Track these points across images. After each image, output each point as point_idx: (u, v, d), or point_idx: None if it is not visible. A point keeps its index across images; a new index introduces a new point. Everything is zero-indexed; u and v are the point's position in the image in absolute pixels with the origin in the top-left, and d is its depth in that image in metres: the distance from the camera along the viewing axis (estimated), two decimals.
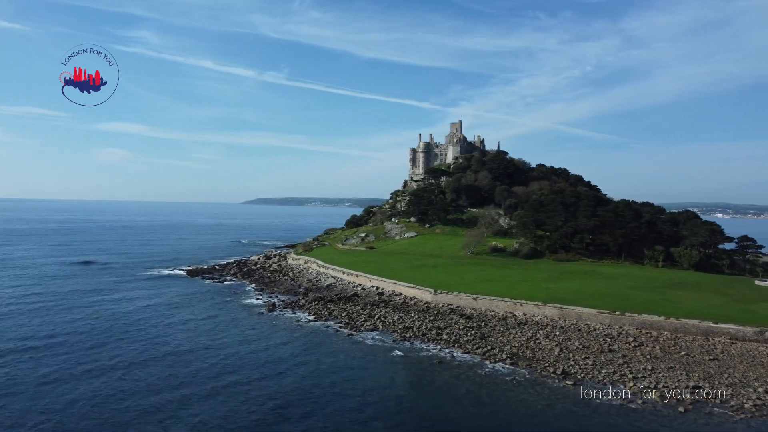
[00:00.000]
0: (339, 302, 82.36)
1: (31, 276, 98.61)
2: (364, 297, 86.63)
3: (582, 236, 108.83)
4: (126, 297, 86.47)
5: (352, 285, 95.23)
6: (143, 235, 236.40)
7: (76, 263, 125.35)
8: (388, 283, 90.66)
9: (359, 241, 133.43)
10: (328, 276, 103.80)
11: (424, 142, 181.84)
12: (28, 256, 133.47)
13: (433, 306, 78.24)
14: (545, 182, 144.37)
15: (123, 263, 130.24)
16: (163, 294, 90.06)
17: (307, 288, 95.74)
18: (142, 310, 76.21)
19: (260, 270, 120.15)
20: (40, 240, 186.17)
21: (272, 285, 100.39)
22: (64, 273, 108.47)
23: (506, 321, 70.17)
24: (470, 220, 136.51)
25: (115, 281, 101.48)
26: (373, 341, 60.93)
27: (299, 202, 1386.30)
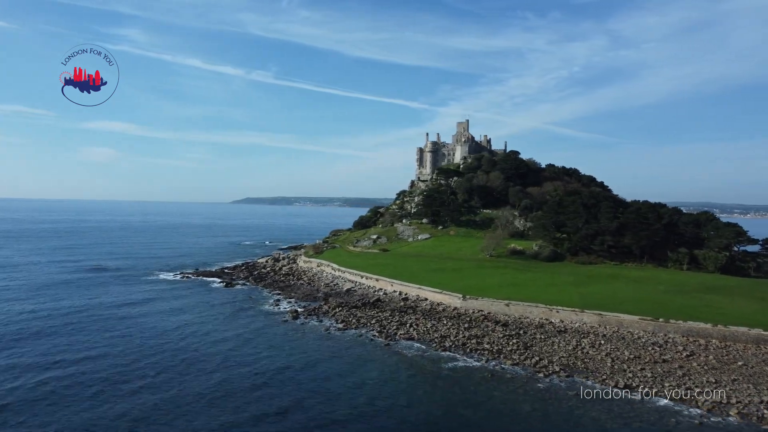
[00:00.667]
0: (364, 308, 79.21)
1: (42, 286, 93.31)
2: (387, 302, 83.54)
3: (603, 238, 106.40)
4: (143, 307, 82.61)
5: (373, 290, 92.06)
6: (141, 236, 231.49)
7: (82, 269, 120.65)
8: (411, 288, 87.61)
9: (371, 243, 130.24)
10: (345, 280, 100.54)
11: (432, 142, 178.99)
12: (32, 262, 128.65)
13: (463, 312, 75.27)
14: (558, 183, 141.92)
15: (128, 267, 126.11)
16: (178, 301, 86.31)
17: (326, 293, 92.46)
18: (162, 322, 72.37)
19: (271, 273, 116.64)
20: (38, 243, 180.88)
21: (288, 290, 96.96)
22: (74, 281, 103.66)
23: (544, 328, 67.37)
24: (484, 221, 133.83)
25: (127, 289, 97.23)
26: (412, 352, 57.78)
27: (288, 202, 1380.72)
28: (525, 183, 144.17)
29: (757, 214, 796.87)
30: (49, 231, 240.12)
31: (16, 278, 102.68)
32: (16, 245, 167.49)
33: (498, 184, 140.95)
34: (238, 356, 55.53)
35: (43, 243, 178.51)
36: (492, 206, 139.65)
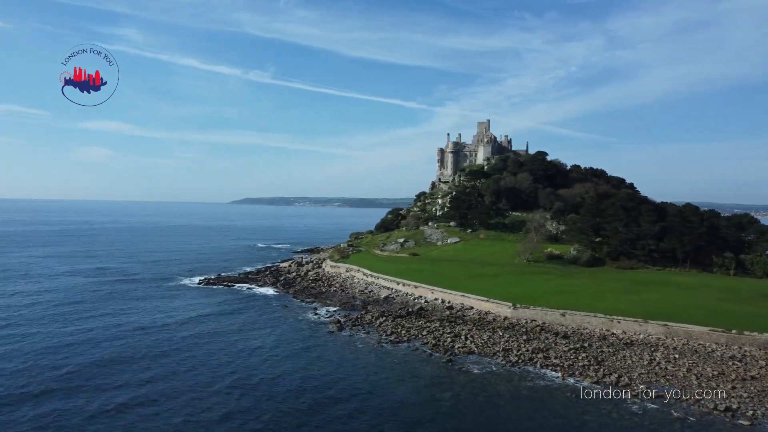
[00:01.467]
0: (409, 318, 75.55)
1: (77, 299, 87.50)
2: (431, 311, 79.88)
3: (645, 242, 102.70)
4: (188, 323, 78.94)
5: (413, 297, 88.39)
6: (152, 239, 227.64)
7: (107, 276, 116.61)
8: (454, 296, 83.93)
9: (398, 247, 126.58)
10: (380, 286, 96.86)
11: (453, 142, 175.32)
12: (57, 272, 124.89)
13: (516, 323, 71.58)
14: (588, 184, 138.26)
15: (149, 273, 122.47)
16: (212, 310, 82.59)
17: (363, 301, 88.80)
18: (216, 338, 68.45)
19: (299, 279, 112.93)
20: (54, 248, 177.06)
21: (322, 297, 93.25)
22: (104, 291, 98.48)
23: (608, 340, 63.71)
24: (513, 224, 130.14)
25: (161, 301, 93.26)
26: (478, 369, 54.07)
27: (287, 202, 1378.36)
28: (553, 184, 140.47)
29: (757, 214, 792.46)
30: (59, 234, 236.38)
31: (48, 289, 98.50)
32: (31, 250, 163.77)
33: (526, 186, 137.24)
34: (311, 377, 51.16)
35: (59, 248, 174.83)
36: (521, 208, 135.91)
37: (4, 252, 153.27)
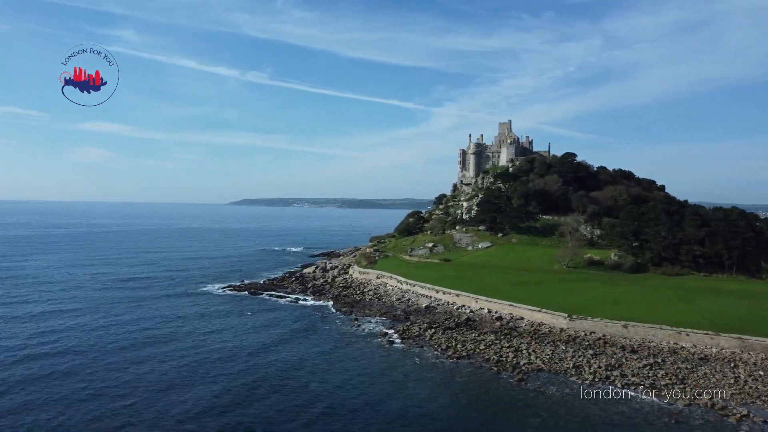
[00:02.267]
0: (459, 330, 71.93)
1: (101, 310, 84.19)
2: (480, 322, 76.35)
3: (690, 248, 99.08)
4: (210, 327, 75.51)
5: (456, 306, 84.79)
6: (164, 243, 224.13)
7: (131, 283, 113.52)
8: (501, 305, 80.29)
9: (428, 252, 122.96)
10: (417, 295, 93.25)
11: (475, 143, 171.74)
12: (82, 281, 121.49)
13: (574, 335, 67.98)
14: (620, 187, 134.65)
15: (172, 279, 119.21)
16: (249, 322, 79.02)
17: (404, 310, 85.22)
18: (242, 347, 65.17)
19: (327, 286, 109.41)
20: (69, 253, 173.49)
21: (360, 306, 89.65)
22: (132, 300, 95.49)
23: (679, 355, 60.12)
24: (545, 228, 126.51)
25: (192, 309, 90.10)
26: (555, 389, 50.39)
27: (286, 203, 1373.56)
28: (582, 187, 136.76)
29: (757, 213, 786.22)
30: (70, 238, 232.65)
31: (77, 298, 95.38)
32: (45, 255, 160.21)
33: (556, 189, 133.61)
34: (379, 405, 47.17)
35: (74, 253, 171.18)
36: (551, 212, 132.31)
37: (21, 258, 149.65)
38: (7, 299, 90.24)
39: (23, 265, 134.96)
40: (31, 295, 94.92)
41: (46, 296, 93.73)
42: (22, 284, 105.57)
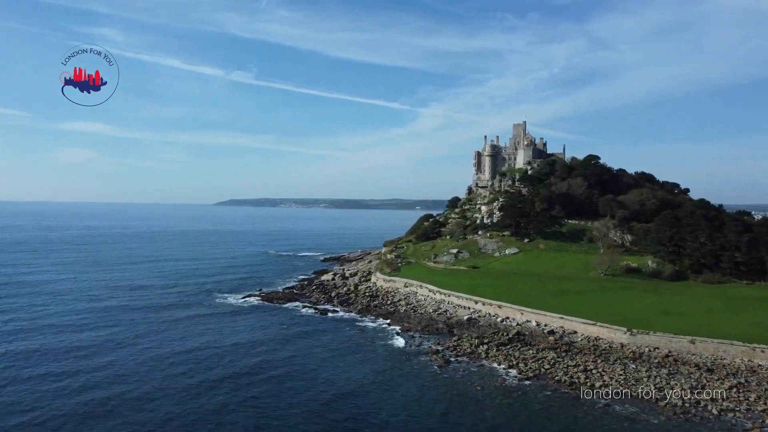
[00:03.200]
0: (513, 345, 67.84)
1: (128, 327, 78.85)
2: (531, 336, 72.35)
3: (732, 254, 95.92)
4: (251, 346, 70.72)
5: (499, 319, 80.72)
6: (166, 247, 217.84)
7: (145, 292, 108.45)
8: (550, 318, 76.35)
9: (452, 259, 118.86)
10: (454, 305, 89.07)
11: (491, 145, 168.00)
12: (83, 289, 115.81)
13: (638, 351, 64.09)
14: (646, 190, 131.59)
15: (186, 287, 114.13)
16: (283, 338, 74.34)
17: (446, 323, 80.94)
18: (308, 375, 60.57)
19: (352, 295, 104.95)
20: (67, 257, 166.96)
21: (396, 318, 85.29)
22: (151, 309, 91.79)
23: (758, 374, 56.44)
24: (572, 233, 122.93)
25: (212, 322, 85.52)
26: (652, 418, 46.34)
27: (273, 204, 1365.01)
28: (606, 190, 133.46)
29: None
30: (67, 242, 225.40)
31: (94, 312, 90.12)
32: (46, 260, 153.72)
33: (581, 192, 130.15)
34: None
35: (76, 259, 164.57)
36: (576, 216, 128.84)
37: (22, 264, 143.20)
38: (28, 314, 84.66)
39: (25, 272, 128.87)
40: (44, 309, 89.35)
41: (60, 310, 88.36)
42: (31, 294, 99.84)
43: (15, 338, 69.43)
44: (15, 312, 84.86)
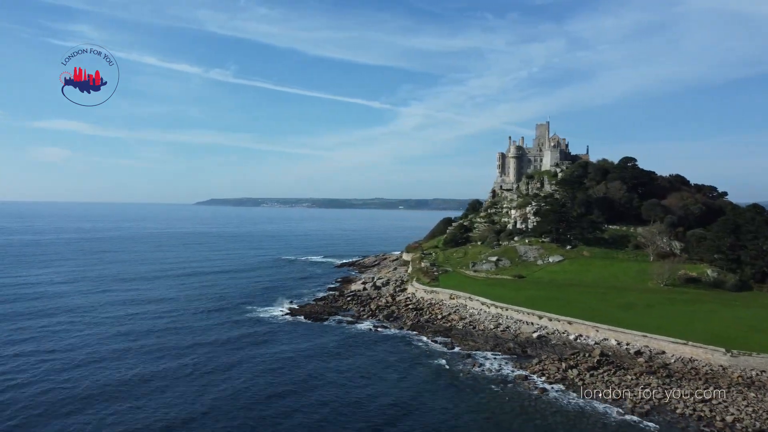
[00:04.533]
0: (606, 369, 62.16)
1: (173, 350, 71.51)
2: (617, 357, 66.89)
3: None
4: (313, 370, 64.31)
5: (573, 337, 75.08)
6: (169, 251, 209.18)
7: (158, 302, 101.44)
8: (631, 336, 70.86)
9: (493, 267, 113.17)
10: (516, 321, 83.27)
11: (516, 146, 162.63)
12: (100, 303, 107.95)
13: (746, 377, 58.78)
14: (685, 193, 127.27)
15: (211, 302, 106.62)
16: (344, 361, 68.12)
17: (517, 342, 75.09)
18: (374, 406, 54.33)
19: (394, 309, 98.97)
20: (68, 263, 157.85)
21: (458, 337, 79.21)
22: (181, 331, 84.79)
23: None
24: (614, 239, 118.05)
25: (256, 341, 78.88)
26: None
27: (255, 203, 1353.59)
28: (643, 194, 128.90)
29: None
30: (63, 246, 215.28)
31: (133, 335, 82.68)
32: (47, 268, 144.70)
33: (620, 196, 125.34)
34: None
35: (79, 266, 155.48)
36: (617, 221, 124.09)
37: (31, 276, 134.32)
38: (65, 343, 77.04)
39: (29, 282, 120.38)
40: (79, 334, 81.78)
41: (78, 331, 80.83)
42: (56, 312, 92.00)
43: (62, 371, 62.14)
44: (50, 340, 77.02)
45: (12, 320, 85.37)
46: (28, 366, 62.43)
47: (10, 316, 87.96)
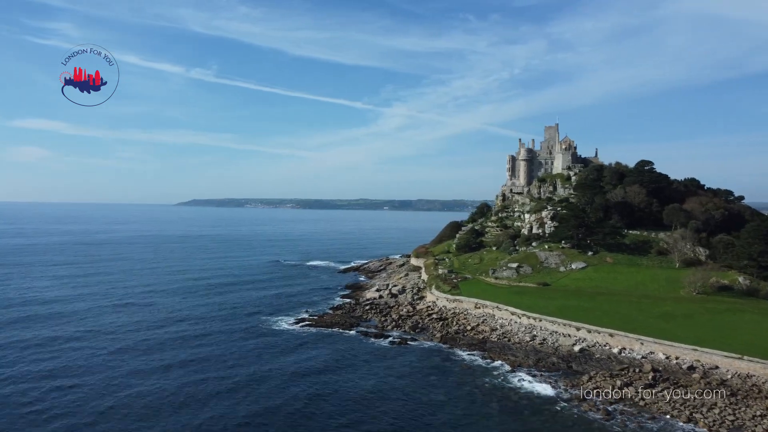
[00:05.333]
0: (664, 387, 59.07)
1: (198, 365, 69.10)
2: (668, 373, 63.78)
3: None
4: (350, 387, 60.28)
5: (616, 350, 71.90)
6: (162, 256, 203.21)
7: (170, 317, 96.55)
8: (680, 350, 67.75)
9: (514, 274, 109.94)
10: (550, 332, 79.96)
11: (527, 149, 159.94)
12: (108, 316, 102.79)
13: None
14: (704, 198, 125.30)
15: (220, 312, 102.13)
16: (383, 378, 64.18)
17: (560, 357, 71.71)
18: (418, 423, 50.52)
19: (417, 318, 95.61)
20: (61, 270, 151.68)
21: (494, 351, 75.68)
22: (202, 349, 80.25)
23: None
24: (636, 245, 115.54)
25: (283, 354, 74.58)
26: None
27: (238, 204, 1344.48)
28: (661, 198, 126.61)
29: None
30: (48, 250, 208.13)
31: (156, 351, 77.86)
32: (35, 277, 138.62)
33: (640, 201, 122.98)
34: None
35: (66, 272, 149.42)
36: (637, 226, 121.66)
37: (25, 282, 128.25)
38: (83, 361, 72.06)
39: (36, 294, 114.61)
40: (94, 350, 76.85)
41: (92, 349, 75.97)
42: (64, 323, 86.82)
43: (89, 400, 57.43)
44: (70, 359, 72.16)
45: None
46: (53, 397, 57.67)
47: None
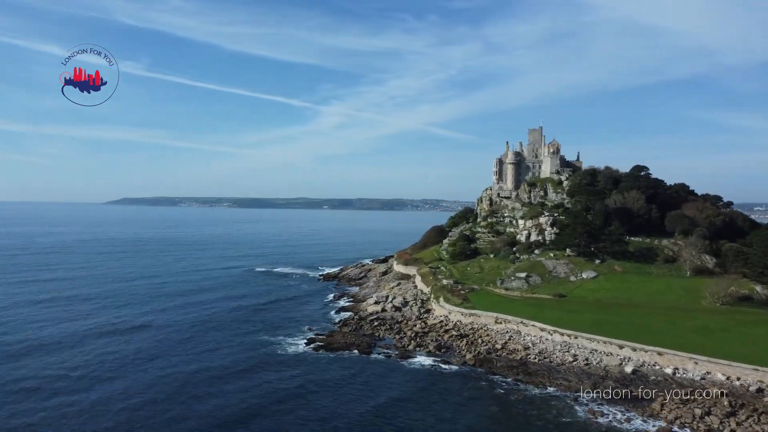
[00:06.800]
0: (748, 416, 55.27)
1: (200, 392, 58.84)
2: (739, 397, 60.15)
3: None
4: None
5: (668, 370, 67.96)
6: (123, 262, 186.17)
7: (170, 329, 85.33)
8: (739, 370, 64.54)
9: (524, 284, 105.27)
10: (590, 350, 75.23)
11: (514, 152, 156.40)
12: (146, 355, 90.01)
13: None
14: (703, 205, 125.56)
15: (224, 327, 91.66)
16: (427, 408, 57.21)
17: (616, 380, 66.71)
18: None
19: (430, 333, 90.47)
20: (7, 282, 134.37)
21: (539, 375, 70.07)
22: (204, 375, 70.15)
23: None
24: (641, 252, 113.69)
25: (302, 380, 65.84)
26: None
27: (173, 203, 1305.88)
28: (657, 204, 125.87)
29: None
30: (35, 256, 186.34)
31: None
32: None
33: (639, 207, 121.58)
34: None
35: (22, 279, 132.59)
36: (637, 233, 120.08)
37: None
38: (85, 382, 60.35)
39: None
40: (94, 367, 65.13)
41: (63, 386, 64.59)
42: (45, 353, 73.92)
43: None
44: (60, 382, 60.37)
45: None
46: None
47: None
